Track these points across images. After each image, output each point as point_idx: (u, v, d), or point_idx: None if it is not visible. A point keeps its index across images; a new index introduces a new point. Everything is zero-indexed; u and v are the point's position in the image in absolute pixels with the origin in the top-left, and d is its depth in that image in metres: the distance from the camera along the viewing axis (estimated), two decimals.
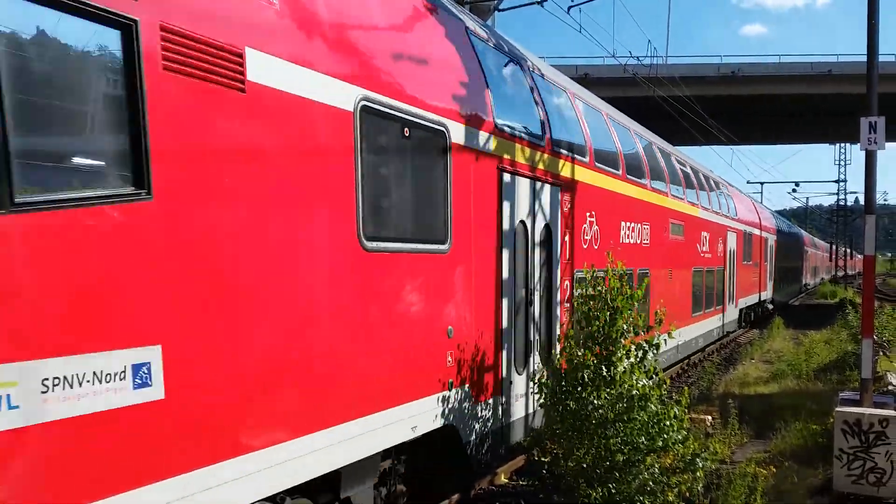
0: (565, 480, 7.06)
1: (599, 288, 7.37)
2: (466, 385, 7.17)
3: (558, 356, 7.64)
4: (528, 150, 8.34)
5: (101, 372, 3.68)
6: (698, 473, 6.95)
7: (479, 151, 7.27)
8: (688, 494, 7.05)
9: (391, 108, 5.91)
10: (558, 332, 9.08)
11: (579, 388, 7.04)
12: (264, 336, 4.68)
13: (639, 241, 12.58)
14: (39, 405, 3.42)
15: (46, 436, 3.45)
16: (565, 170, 9.44)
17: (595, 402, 6.86)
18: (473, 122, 7.16)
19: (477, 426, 7.46)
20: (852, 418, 8.02)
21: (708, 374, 16.49)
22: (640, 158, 13.24)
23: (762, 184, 78.80)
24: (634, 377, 7.03)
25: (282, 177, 4.81)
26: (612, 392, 6.92)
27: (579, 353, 7.22)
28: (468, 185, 7.07)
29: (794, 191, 70.61)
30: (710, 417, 11.75)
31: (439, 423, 6.75)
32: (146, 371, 3.91)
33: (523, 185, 8.24)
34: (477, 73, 7.49)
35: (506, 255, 7.82)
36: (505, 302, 7.86)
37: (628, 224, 12.00)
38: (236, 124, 4.47)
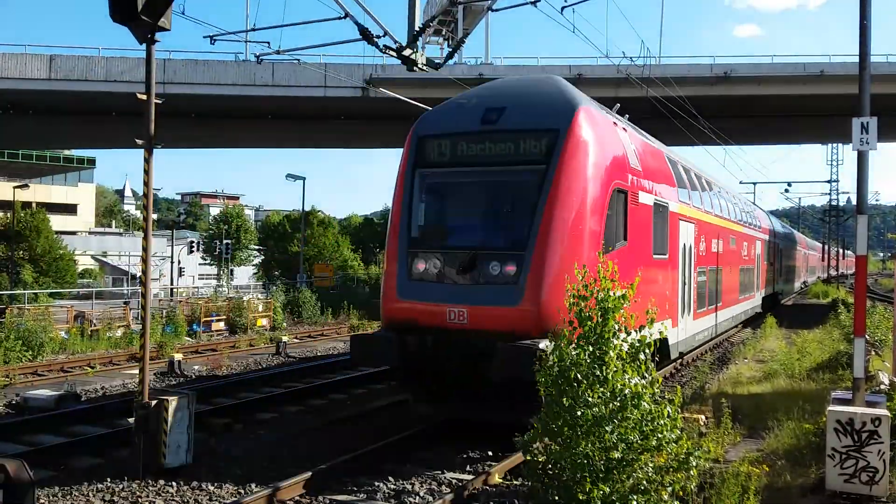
0: (563, 478, 7.04)
1: (591, 289, 7.39)
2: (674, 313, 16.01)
3: (552, 354, 7.64)
4: (686, 208, 16.58)
5: None
6: (692, 472, 6.94)
7: (674, 212, 15.29)
8: (681, 493, 7.05)
9: (657, 201, 13.82)
10: (692, 297, 17.40)
11: (574, 385, 7.04)
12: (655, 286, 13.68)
13: (717, 250, 20.78)
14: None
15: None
16: (695, 214, 17.79)
17: (589, 399, 6.87)
18: (673, 200, 15.29)
19: (675, 334, 16.09)
20: (845, 417, 8.04)
21: (701, 374, 16.53)
22: (719, 199, 22.25)
23: (755, 184, 79.12)
24: (627, 376, 7.04)
25: (645, 230, 12.73)
26: (605, 391, 6.92)
27: (572, 353, 7.23)
28: (669, 227, 14.92)
29: (786, 191, 70.83)
30: (703, 417, 11.77)
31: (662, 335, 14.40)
32: None
33: (685, 225, 16.44)
34: (671, 177, 15.67)
35: (680, 259, 15.66)
36: (681, 280, 16.10)
37: (714, 240, 20.26)
38: (637, 214, 12.17)
